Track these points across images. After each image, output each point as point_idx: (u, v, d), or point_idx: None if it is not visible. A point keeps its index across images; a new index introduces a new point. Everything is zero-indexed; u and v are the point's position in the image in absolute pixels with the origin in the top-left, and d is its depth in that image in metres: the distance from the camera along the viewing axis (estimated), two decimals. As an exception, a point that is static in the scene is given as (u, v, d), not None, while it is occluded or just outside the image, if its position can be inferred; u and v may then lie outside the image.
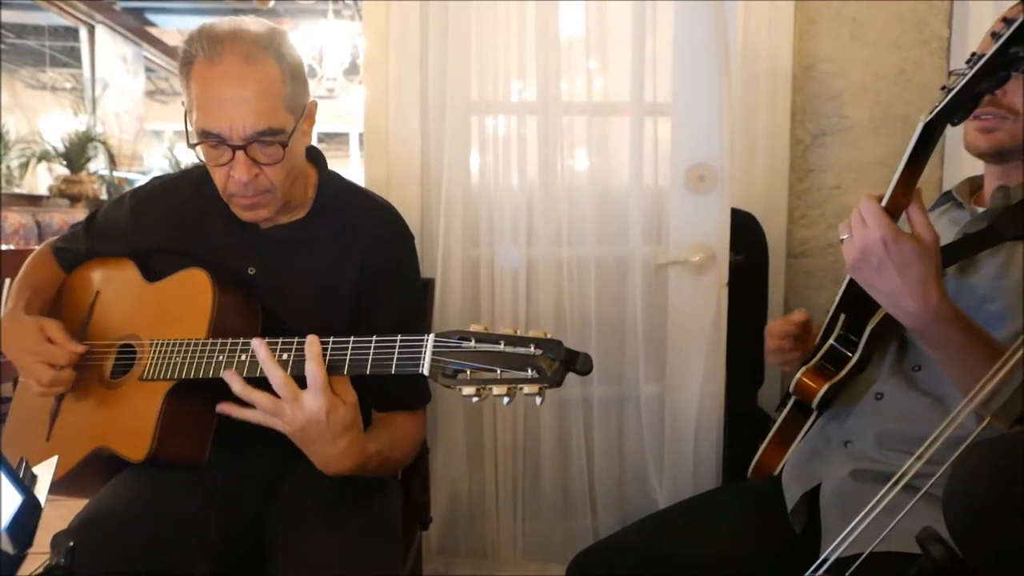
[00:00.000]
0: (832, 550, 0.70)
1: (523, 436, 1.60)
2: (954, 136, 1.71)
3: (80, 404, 1.14)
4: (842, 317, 1.04)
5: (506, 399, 0.82)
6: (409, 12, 1.54)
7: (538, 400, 0.82)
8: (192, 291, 1.09)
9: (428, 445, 1.49)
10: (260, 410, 0.94)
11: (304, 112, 1.08)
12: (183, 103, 1.07)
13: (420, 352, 0.87)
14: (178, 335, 1.06)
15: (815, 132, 1.74)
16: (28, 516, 0.53)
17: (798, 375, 1.06)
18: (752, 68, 1.65)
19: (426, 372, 0.85)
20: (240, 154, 1.02)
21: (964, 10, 1.69)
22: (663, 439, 1.56)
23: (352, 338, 0.93)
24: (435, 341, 0.86)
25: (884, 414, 1.01)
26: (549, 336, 0.83)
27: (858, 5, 1.71)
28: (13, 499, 0.53)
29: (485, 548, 1.63)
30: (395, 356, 0.89)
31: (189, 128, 1.04)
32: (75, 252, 1.27)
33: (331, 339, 0.94)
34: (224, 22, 1.04)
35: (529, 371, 0.81)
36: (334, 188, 1.20)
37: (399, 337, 0.89)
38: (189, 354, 1.03)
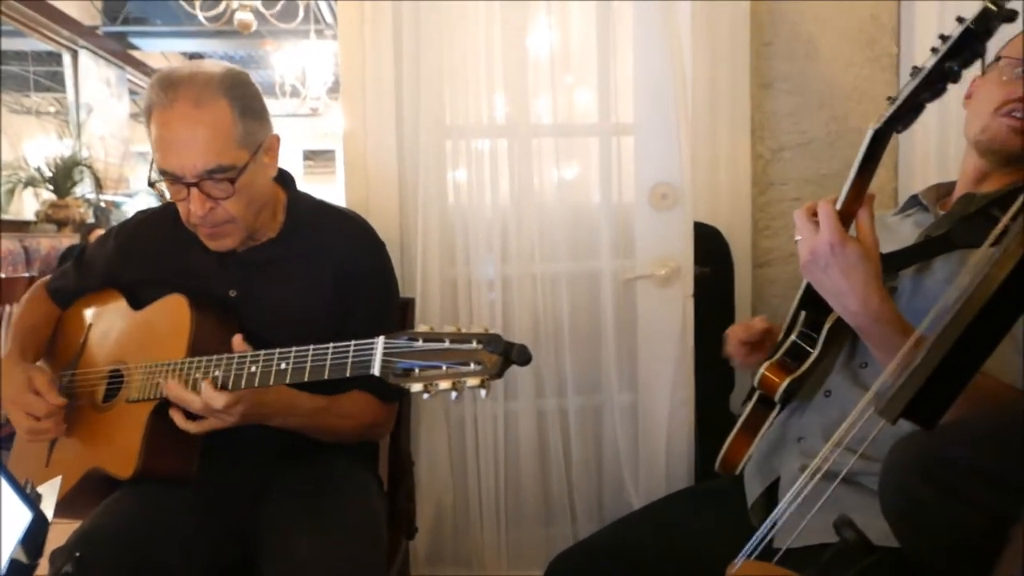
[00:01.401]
0: (752, 546, 0.76)
1: (504, 447, 1.66)
2: (908, 145, 1.80)
3: (75, 430, 1.21)
4: (802, 314, 1.09)
5: (453, 394, 0.87)
6: (382, 40, 1.61)
7: (482, 393, 0.87)
8: (172, 315, 1.16)
9: (413, 457, 1.55)
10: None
11: (261, 147, 1.15)
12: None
13: (371, 355, 0.93)
14: (161, 357, 1.12)
15: (775, 147, 1.82)
16: (38, 530, 0.59)
17: (761, 370, 1.11)
18: (713, 89, 1.73)
19: (377, 373, 0.91)
20: (194, 190, 1.10)
21: (911, 28, 1.77)
22: (637, 446, 1.62)
23: (311, 347, 0.99)
24: (385, 343, 0.92)
25: (831, 410, 1.06)
26: (490, 331, 0.89)
27: (811, 26, 1.80)
28: (24, 515, 0.59)
29: (470, 556, 1.69)
30: (349, 360, 0.95)
31: (153, 167, 1.12)
32: (68, 289, 1.33)
33: (293, 349, 1.00)
34: (183, 67, 1.12)
35: (472, 365, 0.87)
36: (303, 207, 1.27)
37: (352, 343, 0.96)
38: (169, 374, 1.09)
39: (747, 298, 1.79)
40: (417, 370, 0.89)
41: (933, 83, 0.82)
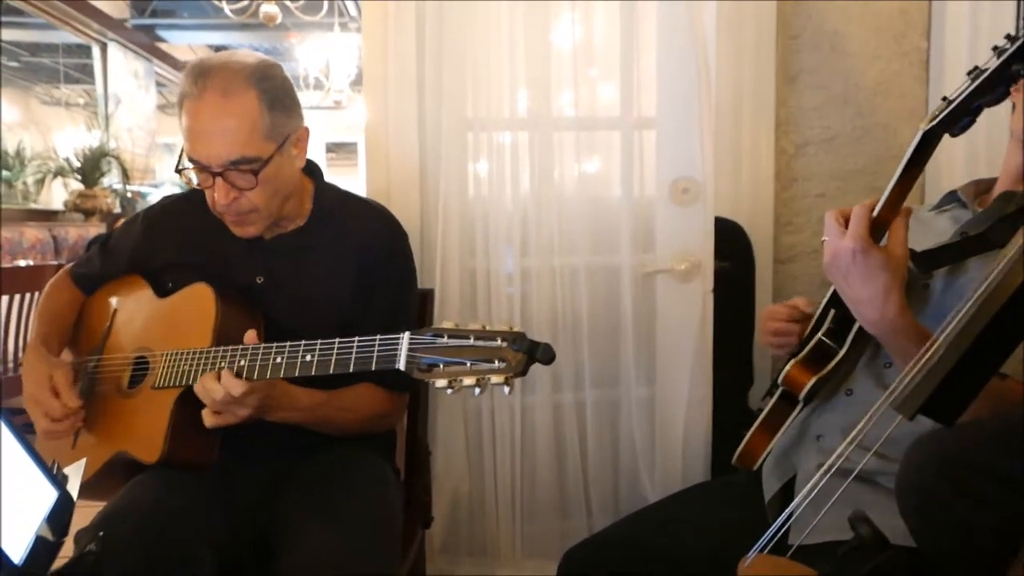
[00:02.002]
0: (765, 540, 0.76)
1: (520, 439, 1.67)
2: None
3: (101, 414, 1.23)
4: (832, 312, 1.07)
5: (477, 390, 0.88)
6: (405, 33, 1.62)
7: (506, 390, 0.88)
8: (197, 304, 1.17)
9: (430, 448, 1.56)
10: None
11: (289, 139, 1.16)
12: None
13: (397, 349, 0.94)
14: (186, 345, 1.14)
15: (799, 142, 1.80)
16: (63, 509, 0.60)
17: (788, 367, 1.09)
18: (737, 82, 1.71)
19: (402, 367, 0.92)
20: (219, 180, 1.11)
21: (942, 22, 1.74)
22: (654, 440, 1.62)
23: (337, 340, 1.01)
24: (410, 338, 0.93)
25: (852, 410, 1.05)
26: (516, 330, 0.90)
27: (839, 19, 1.77)
28: (51, 494, 0.61)
29: (485, 547, 1.70)
30: (375, 353, 0.96)
31: (182, 155, 1.14)
32: (92, 275, 1.35)
33: (318, 341, 1.02)
34: (216, 56, 1.13)
35: (496, 362, 0.88)
36: (330, 197, 1.28)
37: (378, 337, 0.97)
38: (195, 362, 1.11)
39: (768, 294, 1.78)
40: (442, 365, 0.90)
41: (995, 86, 0.77)
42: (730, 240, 1.68)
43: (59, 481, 0.62)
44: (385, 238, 1.29)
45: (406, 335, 0.94)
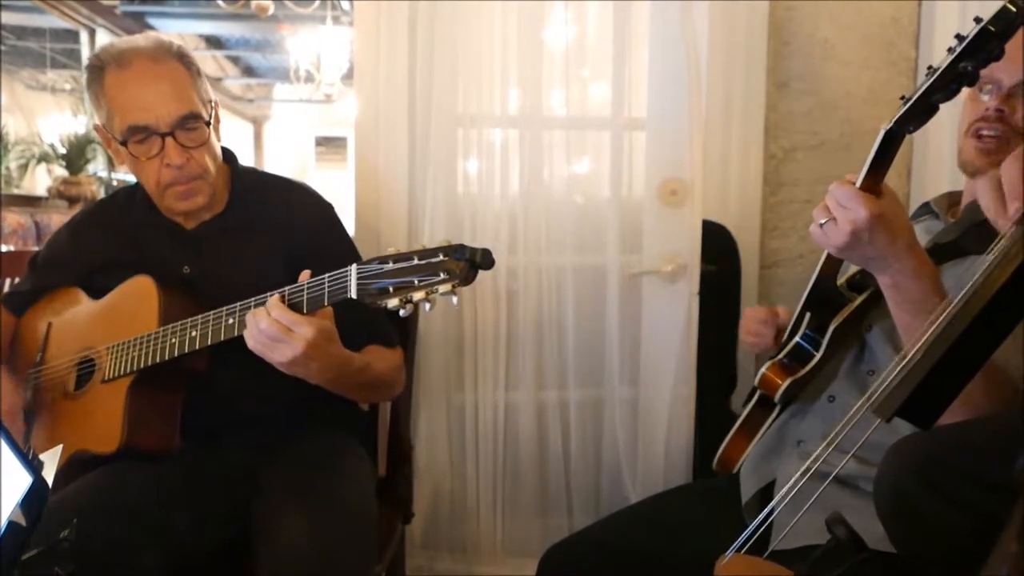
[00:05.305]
0: (742, 541, 0.77)
1: (503, 436, 1.67)
2: (921, 150, 1.79)
3: (49, 420, 1.21)
4: (807, 316, 1.08)
5: (427, 305, 0.91)
6: (398, 29, 1.61)
7: (454, 299, 0.91)
8: (138, 295, 1.17)
9: (412, 443, 1.56)
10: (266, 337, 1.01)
11: (213, 113, 1.19)
12: (95, 120, 1.17)
13: (346, 281, 0.96)
14: (133, 335, 1.13)
15: (788, 147, 1.81)
16: (38, 495, 0.59)
17: (763, 370, 1.11)
18: (728, 86, 1.72)
19: (354, 295, 0.94)
20: (170, 140, 1.12)
21: (931, 32, 1.76)
22: (636, 441, 1.63)
23: (288, 288, 1.01)
24: (358, 268, 0.95)
25: (834, 416, 1.06)
26: (453, 243, 0.93)
27: (830, 27, 1.79)
28: (24, 480, 0.60)
29: (466, 543, 1.70)
30: (326, 289, 0.98)
31: (111, 136, 1.14)
32: (22, 294, 1.32)
33: (267, 294, 1.02)
34: (117, 40, 1.16)
35: (442, 275, 0.90)
36: (248, 179, 1.28)
37: (326, 275, 0.98)
38: (144, 345, 1.11)
39: (753, 298, 1.79)
40: (391, 288, 0.92)
41: (947, 84, 0.80)
42: (717, 243, 1.69)
43: (34, 466, 0.61)
44: (311, 215, 1.29)
45: (353, 267, 0.95)
